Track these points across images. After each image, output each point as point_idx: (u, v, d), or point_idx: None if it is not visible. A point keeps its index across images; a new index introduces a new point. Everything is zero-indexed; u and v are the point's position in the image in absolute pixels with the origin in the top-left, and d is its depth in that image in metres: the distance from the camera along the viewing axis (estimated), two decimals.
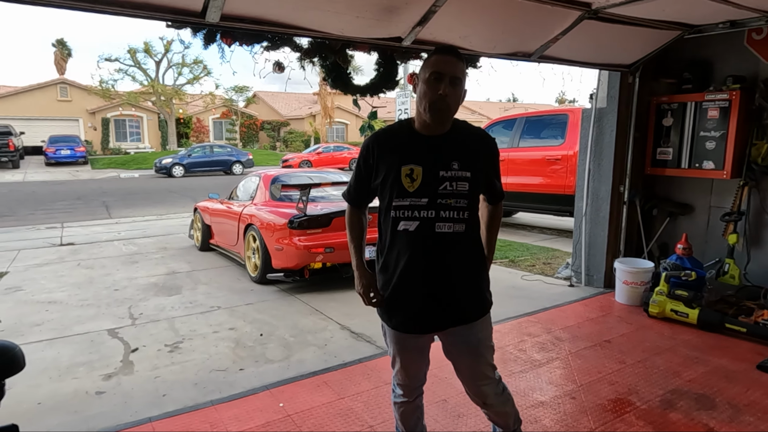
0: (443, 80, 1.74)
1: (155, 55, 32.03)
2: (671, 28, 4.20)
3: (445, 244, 1.81)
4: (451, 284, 1.86)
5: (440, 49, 1.84)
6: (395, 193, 1.82)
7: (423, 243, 1.81)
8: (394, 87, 4.33)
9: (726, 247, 4.57)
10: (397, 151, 1.84)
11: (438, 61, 1.78)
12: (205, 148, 25.35)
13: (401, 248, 1.84)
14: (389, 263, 1.88)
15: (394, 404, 2.15)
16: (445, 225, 1.80)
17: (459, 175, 1.81)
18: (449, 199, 1.80)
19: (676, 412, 2.81)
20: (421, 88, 1.79)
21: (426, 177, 1.79)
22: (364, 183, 1.93)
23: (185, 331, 4.19)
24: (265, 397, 3.02)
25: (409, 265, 1.83)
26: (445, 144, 1.84)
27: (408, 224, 1.81)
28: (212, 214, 6.99)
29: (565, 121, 7.75)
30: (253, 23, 2.92)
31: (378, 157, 1.87)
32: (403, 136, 1.88)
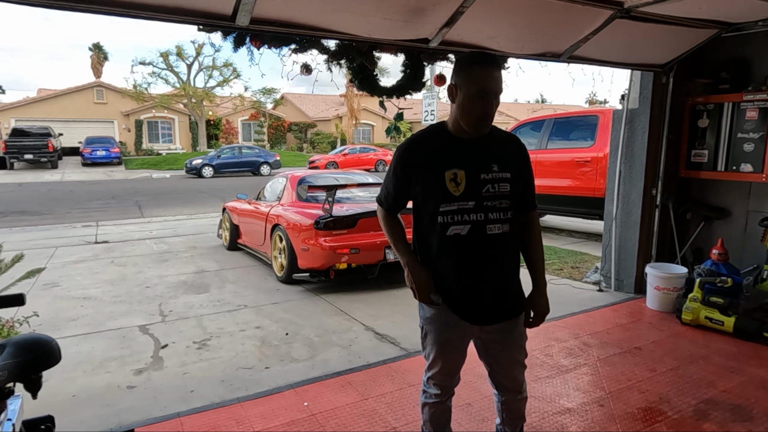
0: (489, 98, 1.78)
1: (187, 59, 32.77)
2: (707, 26, 4.08)
3: (497, 244, 1.87)
4: (505, 281, 1.94)
5: (482, 60, 1.82)
6: (441, 198, 1.83)
7: (477, 245, 1.85)
8: (420, 88, 4.31)
9: (765, 253, 4.40)
10: (437, 156, 1.86)
11: (484, 76, 1.77)
12: (233, 150, 25.75)
13: (454, 252, 1.86)
14: (441, 268, 1.90)
15: (425, 405, 2.13)
16: (495, 226, 1.85)
17: (500, 177, 1.85)
18: (494, 201, 1.84)
19: (710, 422, 2.71)
20: (465, 102, 1.79)
21: (469, 180, 1.82)
22: (402, 190, 1.93)
23: (213, 328, 4.27)
24: (290, 395, 3.05)
25: (470, 265, 1.87)
26: (483, 147, 1.87)
27: (459, 228, 1.84)
28: (240, 214, 7.10)
29: (596, 123, 7.59)
30: (282, 26, 2.96)
31: (416, 163, 1.87)
32: (440, 141, 1.88)
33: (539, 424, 2.71)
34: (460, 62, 1.85)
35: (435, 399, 2.09)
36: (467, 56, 1.86)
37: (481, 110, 1.78)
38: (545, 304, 2.01)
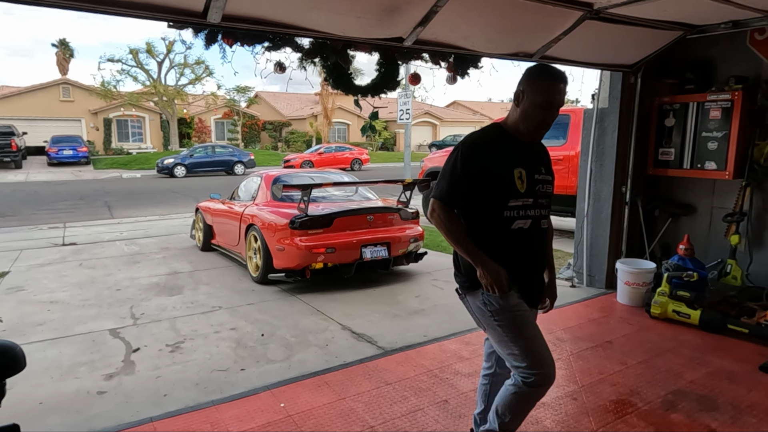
0: (552, 109, 1.97)
1: (157, 56, 32.09)
2: (673, 28, 4.20)
3: (545, 237, 2.14)
4: (543, 271, 2.17)
5: (551, 74, 1.98)
6: (511, 194, 1.97)
7: (534, 238, 2.06)
8: (395, 87, 4.32)
9: (728, 248, 4.56)
10: (505, 153, 2.01)
11: (552, 89, 1.95)
12: (207, 149, 25.35)
13: (517, 244, 2.02)
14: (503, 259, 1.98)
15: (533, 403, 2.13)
16: (544, 221, 2.10)
17: (545, 179, 2.08)
18: (542, 199, 2.07)
19: (677, 413, 2.80)
20: (529, 110, 1.98)
21: (528, 179, 2.01)
22: (464, 184, 1.98)
23: (187, 331, 4.20)
24: (266, 397, 3.02)
25: (527, 256, 2.05)
26: (535, 150, 2.10)
27: (522, 222, 2.01)
28: (214, 214, 7.00)
29: (567, 122, 7.72)
30: (255, 24, 2.93)
31: (488, 159, 1.97)
32: (504, 141, 2.03)
33: None
34: (531, 72, 2.01)
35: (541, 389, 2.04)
36: (538, 68, 2.03)
37: (542, 119, 1.98)
38: (556, 293, 2.26)
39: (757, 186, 4.47)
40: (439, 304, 4.83)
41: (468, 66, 4.19)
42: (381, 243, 5.40)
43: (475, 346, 3.72)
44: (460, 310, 4.93)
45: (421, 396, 2.99)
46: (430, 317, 4.48)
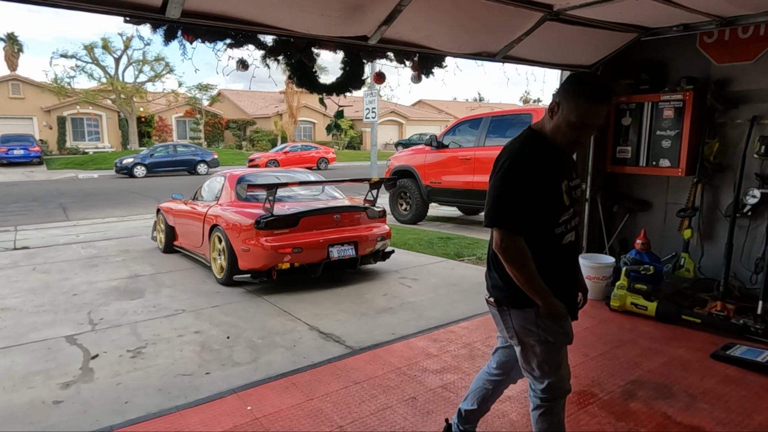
0: (587, 131, 1.84)
1: (114, 52, 31.03)
2: (629, 30, 4.34)
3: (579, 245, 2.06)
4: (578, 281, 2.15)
5: (592, 94, 1.78)
6: (561, 209, 1.89)
7: (577, 248, 2.06)
8: (360, 86, 4.31)
9: (682, 242, 4.76)
10: (553, 167, 1.87)
11: (590, 111, 1.78)
12: (168, 148, 24.72)
13: (568, 258, 2.00)
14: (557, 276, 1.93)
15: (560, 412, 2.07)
16: (577, 228, 2.03)
17: (577, 184, 1.99)
18: (577, 206, 2.01)
19: (636, 401, 2.90)
20: (562, 126, 1.83)
21: (568, 189, 1.92)
22: (526, 204, 1.81)
23: (148, 335, 4.08)
24: (233, 400, 2.97)
25: (573, 268, 2.06)
26: (568, 157, 2.01)
27: (570, 236, 1.96)
28: (176, 215, 6.82)
29: (530, 121, 7.90)
30: (216, 20, 2.86)
31: (539, 175, 1.83)
32: (548, 153, 1.89)
33: None
34: (570, 84, 1.85)
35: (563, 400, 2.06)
36: (578, 82, 1.85)
37: (575, 138, 1.85)
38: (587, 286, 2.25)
39: (708, 182, 4.68)
40: (406, 302, 4.85)
41: (432, 65, 4.22)
42: (348, 242, 5.38)
43: (443, 343, 3.76)
44: (428, 308, 4.98)
45: (390, 394, 3.00)
46: (398, 315, 4.50)
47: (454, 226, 9.45)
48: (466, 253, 6.82)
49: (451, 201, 9.49)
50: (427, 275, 5.85)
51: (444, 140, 9.19)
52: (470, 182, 8.54)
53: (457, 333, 3.97)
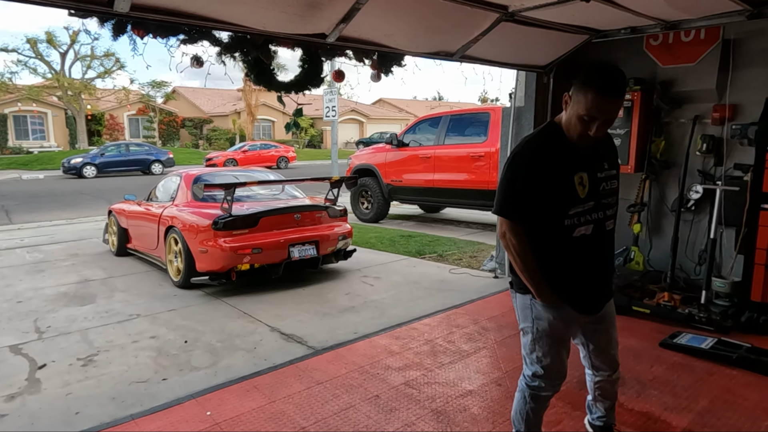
0: (595, 123, 1.79)
1: (60, 47, 29.60)
2: (580, 32, 4.48)
3: (610, 239, 2.02)
4: (612, 271, 2.09)
5: (601, 86, 1.75)
6: (571, 201, 1.87)
7: (598, 242, 1.97)
8: (319, 84, 4.29)
9: (632, 236, 4.97)
10: (562, 160, 1.87)
11: (594, 102, 1.75)
12: (120, 147, 23.83)
13: (580, 251, 1.94)
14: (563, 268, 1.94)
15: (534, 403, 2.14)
16: (609, 222, 1.99)
17: (610, 174, 1.97)
18: (607, 198, 1.96)
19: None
20: (572, 119, 1.83)
21: (591, 181, 1.90)
22: (529, 195, 1.87)
23: (101, 342, 3.92)
24: (191, 406, 2.89)
25: (591, 262, 1.98)
26: (595, 147, 1.93)
27: (584, 229, 1.92)
28: (129, 216, 6.58)
29: (487, 120, 8.05)
30: (168, 14, 2.77)
31: (542, 168, 1.85)
32: (562, 144, 1.90)
33: (443, 408, 2.83)
34: (582, 76, 1.80)
35: (547, 393, 2.12)
36: (589, 73, 1.79)
37: (582, 130, 1.83)
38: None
39: (655, 179, 4.90)
40: (368, 301, 4.85)
41: (391, 64, 4.24)
42: (309, 242, 5.34)
43: (405, 340, 3.79)
44: (390, 306, 5.01)
45: (353, 393, 3.00)
46: (360, 314, 4.49)
47: (416, 224, 9.52)
48: (427, 251, 6.88)
49: (412, 199, 9.57)
50: (389, 273, 5.88)
51: (404, 139, 9.24)
52: (431, 180, 8.63)
53: (419, 330, 4.00)
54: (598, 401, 2.39)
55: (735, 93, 4.38)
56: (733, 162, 4.36)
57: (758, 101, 3.95)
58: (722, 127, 4.44)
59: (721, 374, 3.21)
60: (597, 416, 2.44)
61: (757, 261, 3.79)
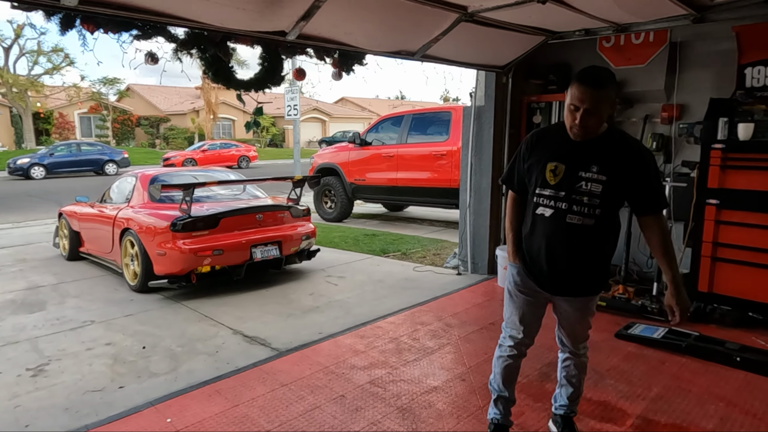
0: (578, 111, 2.01)
1: (3, 41, 28.09)
2: (537, 33, 4.60)
3: (573, 233, 2.11)
4: (571, 264, 2.17)
5: (583, 79, 2.01)
6: (540, 182, 2.15)
7: (555, 229, 2.13)
8: (280, 82, 4.23)
9: None
10: (548, 147, 2.17)
11: (575, 92, 2.01)
12: (70, 147, 22.82)
13: (536, 229, 2.20)
14: (529, 236, 2.24)
15: (499, 359, 2.43)
16: (575, 217, 2.10)
17: (595, 177, 2.07)
18: (583, 196, 2.08)
19: (551, 383, 3.09)
20: (566, 109, 2.08)
21: (567, 174, 2.09)
22: (516, 170, 2.29)
23: (52, 351, 3.74)
24: (150, 414, 2.80)
25: (542, 241, 2.18)
26: (590, 149, 2.09)
27: (544, 210, 2.15)
28: (81, 219, 6.31)
29: (449, 119, 8.14)
30: (118, 9, 2.67)
31: (532, 150, 2.22)
32: (556, 137, 2.17)
33: (409, 405, 2.85)
34: (573, 76, 2.06)
35: (510, 352, 2.39)
36: (578, 72, 2.06)
37: (571, 120, 2.05)
38: (682, 300, 2.08)
39: None
40: (333, 301, 4.83)
41: (353, 62, 4.23)
42: (272, 242, 5.26)
43: (370, 339, 3.79)
44: (354, 305, 5.01)
45: (318, 394, 2.98)
46: (325, 314, 4.47)
47: (380, 223, 9.54)
48: (391, 249, 6.91)
49: (376, 198, 9.58)
50: (353, 272, 5.87)
51: (367, 138, 9.24)
52: (394, 179, 8.66)
53: (384, 328, 4.02)
54: (563, 386, 2.50)
55: (682, 93, 4.59)
56: (681, 159, 4.57)
57: (703, 101, 4.15)
58: (671, 126, 4.65)
59: (672, 362, 3.37)
60: (559, 404, 2.53)
61: (704, 253, 3.99)
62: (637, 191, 2.09)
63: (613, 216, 2.15)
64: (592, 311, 2.35)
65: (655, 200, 2.10)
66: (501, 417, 2.48)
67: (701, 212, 3.99)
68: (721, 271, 3.92)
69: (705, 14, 3.84)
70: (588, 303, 2.30)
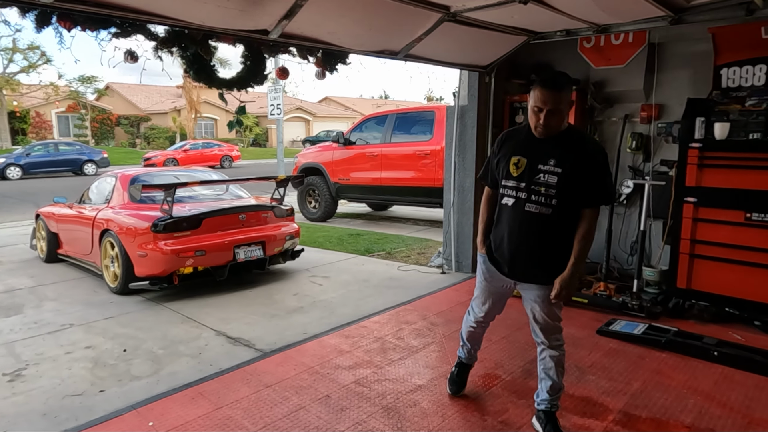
0: (542, 112, 2.26)
1: None
2: (519, 33, 4.64)
3: (531, 220, 2.35)
4: (528, 251, 2.40)
5: (543, 82, 2.26)
6: (504, 174, 2.43)
7: (515, 216, 2.40)
8: (263, 81, 4.19)
9: None
10: (513, 144, 2.46)
11: (538, 95, 2.25)
12: (48, 146, 22.36)
13: (502, 216, 2.48)
14: (496, 226, 2.53)
15: (466, 323, 2.86)
16: (533, 206, 2.34)
17: (552, 170, 2.30)
18: (540, 187, 2.32)
19: (534, 379, 3.11)
20: (529, 110, 2.33)
21: (528, 167, 2.35)
22: (489, 166, 2.58)
23: (29, 355, 3.67)
24: (131, 417, 2.76)
25: (505, 229, 2.45)
26: (550, 145, 2.34)
27: (507, 200, 2.43)
28: (59, 220, 6.19)
29: (432, 118, 8.17)
30: (97, 6, 2.62)
31: (501, 147, 2.51)
32: (522, 135, 2.46)
33: (394, 404, 2.85)
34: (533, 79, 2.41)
35: (473, 324, 2.77)
36: (539, 77, 2.32)
37: (535, 121, 2.31)
38: (572, 285, 2.36)
39: None
40: (317, 301, 4.81)
41: (336, 62, 4.22)
42: (255, 242, 5.22)
43: (355, 339, 3.79)
44: (339, 305, 5.00)
45: (302, 394, 2.97)
46: (309, 314, 4.45)
47: (364, 222, 9.53)
48: (375, 249, 6.91)
49: (360, 197, 9.57)
50: (337, 272, 5.85)
51: (351, 137, 9.23)
52: (378, 178, 8.66)
53: (368, 328, 4.01)
54: (542, 380, 2.57)
55: (660, 93, 4.67)
56: (660, 158, 4.66)
57: (681, 101, 4.23)
58: (649, 125, 4.73)
59: (652, 357, 3.43)
60: (541, 399, 2.57)
61: (682, 250, 4.07)
62: (586, 185, 2.30)
63: (569, 208, 2.32)
64: (547, 297, 2.44)
65: (599, 195, 2.34)
66: (465, 358, 2.95)
67: (679, 210, 4.07)
68: (699, 267, 4.00)
69: (682, 16, 3.91)
70: (545, 289, 2.42)
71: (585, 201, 2.32)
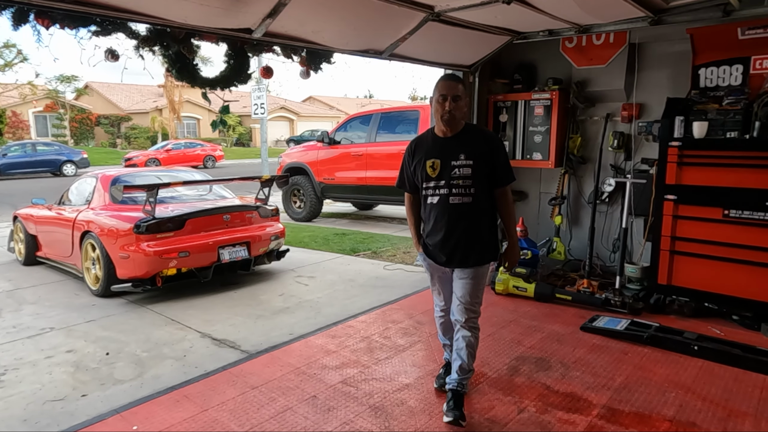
0: (447, 99, 2.53)
1: None
2: (503, 33, 4.67)
3: (457, 211, 2.60)
4: (458, 238, 2.63)
5: (445, 76, 2.76)
6: (424, 177, 2.65)
7: (442, 211, 2.62)
8: (246, 80, 4.16)
9: (554, 228, 5.25)
10: (424, 149, 2.68)
11: (443, 85, 2.57)
12: (25, 147, 21.89)
13: (431, 214, 2.67)
14: (426, 222, 2.74)
15: (436, 318, 3.00)
16: (456, 198, 2.59)
17: (464, 163, 2.56)
18: (458, 180, 2.57)
19: (520, 376, 3.16)
20: (434, 106, 2.59)
21: (443, 166, 2.59)
22: (408, 173, 2.75)
23: (8, 360, 3.59)
24: (115, 422, 2.72)
25: (436, 224, 2.66)
26: (456, 142, 2.61)
27: (432, 198, 2.64)
28: (38, 222, 6.07)
29: (417, 117, 8.19)
30: (76, 3, 2.58)
31: (413, 155, 2.72)
32: (429, 140, 2.70)
33: (381, 403, 2.85)
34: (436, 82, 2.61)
35: (441, 314, 2.93)
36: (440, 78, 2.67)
37: (442, 110, 2.55)
38: (513, 254, 2.79)
39: (573, 173, 5.21)
40: (303, 301, 4.79)
41: (321, 61, 4.20)
42: (240, 243, 5.18)
43: (341, 338, 3.78)
44: (325, 305, 4.98)
45: (289, 395, 2.95)
46: (295, 314, 4.43)
47: (349, 222, 9.52)
48: (361, 248, 6.90)
49: (345, 197, 9.55)
50: (323, 272, 5.83)
51: (336, 136, 9.20)
52: (363, 178, 8.65)
53: (355, 327, 4.01)
54: (454, 360, 2.75)
55: (641, 93, 4.74)
56: (641, 156, 4.73)
57: (661, 101, 4.30)
58: (630, 124, 4.80)
59: (635, 353, 3.48)
60: (450, 378, 2.75)
61: (663, 247, 4.14)
62: (494, 169, 2.63)
63: (485, 194, 2.64)
64: (483, 284, 2.72)
65: (506, 176, 2.68)
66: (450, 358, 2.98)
67: (660, 207, 4.13)
68: (679, 263, 4.08)
69: (662, 16, 3.98)
70: (478, 272, 2.67)
71: (497, 182, 2.66)
